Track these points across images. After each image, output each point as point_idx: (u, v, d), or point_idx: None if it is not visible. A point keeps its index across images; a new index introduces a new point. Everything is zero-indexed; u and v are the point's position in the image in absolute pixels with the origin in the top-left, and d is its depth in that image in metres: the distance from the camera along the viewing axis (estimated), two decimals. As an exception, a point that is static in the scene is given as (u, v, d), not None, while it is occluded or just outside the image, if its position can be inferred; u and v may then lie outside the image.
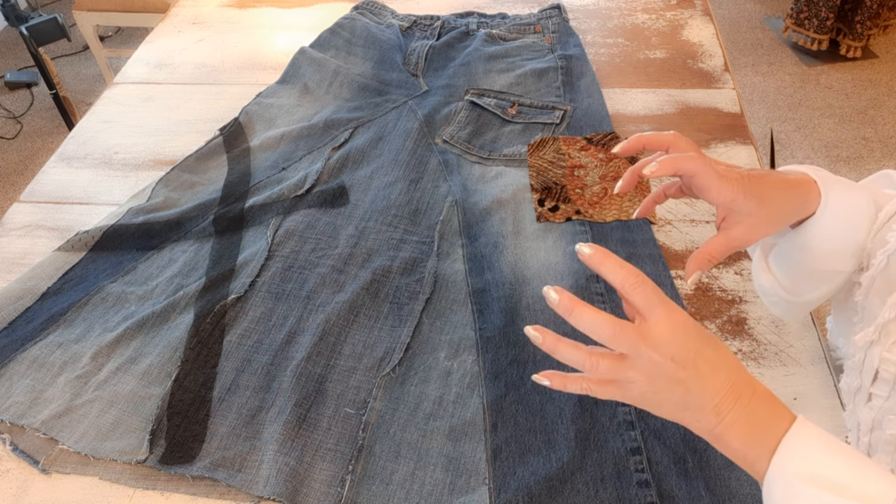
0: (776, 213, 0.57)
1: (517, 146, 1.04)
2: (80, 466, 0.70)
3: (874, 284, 0.57)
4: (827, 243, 0.58)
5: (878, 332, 0.56)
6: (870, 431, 0.59)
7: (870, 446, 0.59)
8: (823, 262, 0.60)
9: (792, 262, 0.62)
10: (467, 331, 0.80)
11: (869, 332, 0.56)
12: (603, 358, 0.49)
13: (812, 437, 0.45)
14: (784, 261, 0.63)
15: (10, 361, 0.78)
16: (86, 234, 0.92)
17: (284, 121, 1.11)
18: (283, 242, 0.90)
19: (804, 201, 0.58)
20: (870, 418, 0.58)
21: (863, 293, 0.59)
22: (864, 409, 0.59)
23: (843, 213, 0.58)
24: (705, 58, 1.22)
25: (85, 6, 2.15)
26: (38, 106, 2.68)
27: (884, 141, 2.32)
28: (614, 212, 0.92)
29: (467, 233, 0.91)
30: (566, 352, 0.50)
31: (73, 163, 1.08)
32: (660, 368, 0.47)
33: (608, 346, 0.49)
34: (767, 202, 0.57)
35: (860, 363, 0.59)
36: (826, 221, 0.58)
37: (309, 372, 0.76)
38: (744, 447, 0.46)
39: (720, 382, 0.47)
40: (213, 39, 1.36)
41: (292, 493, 0.67)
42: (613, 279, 0.49)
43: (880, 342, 0.56)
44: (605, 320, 0.48)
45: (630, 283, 0.48)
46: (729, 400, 0.46)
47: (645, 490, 0.65)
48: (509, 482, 0.66)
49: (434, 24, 1.28)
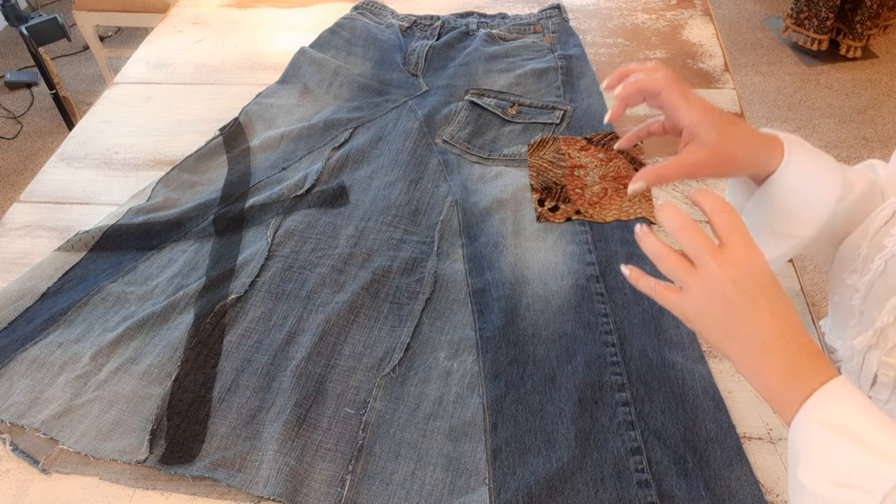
0: (734, 154, 0.58)
1: (517, 146, 1.04)
2: (80, 466, 0.70)
3: (872, 289, 0.57)
4: (786, 203, 0.59)
5: (877, 336, 0.56)
6: None
7: None
8: (780, 222, 0.61)
9: (753, 220, 0.63)
10: (467, 331, 0.80)
11: (868, 337, 0.56)
12: (676, 253, 0.50)
13: (847, 394, 0.45)
14: (748, 220, 0.64)
15: (10, 361, 0.78)
16: (86, 234, 0.92)
17: (284, 121, 1.11)
18: (283, 242, 0.90)
19: (766, 155, 0.59)
20: None
21: (861, 297, 0.59)
22: None
23: (805, 175, 0.59)
24: (705, 58, 1.22)
25: (85, 6, 2.15)
26: (38, 106, 2.68)
27: (884, 141, 2.32)
28: (614, 212, 0.92)
29: (467, 233, 0.91)
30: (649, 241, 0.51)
31: (73, 163, 1.08)
32: (719, 285, 0.48)
33: (679, 241, 0.50)
34: (728, 140, 0.58)
35: (859, 367, 0.59)
36: (786, 180, 0.59)
37: (309, 372, 0.76)
38: (781, 389, 0.47)
39: (773, 321, 0.47)
40: (213, 39, 1.36)
41: (292, 493, 0.67)
42: (703, 206, 0.50)
43: (879, 346, 0.56)
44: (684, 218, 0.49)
45: (718, 207, 0.49)
46: (778, 341, 0.47)
47: (645, 490, 0.65)
48: (509, 482, 0.66)
49: (434, 24, 1.28)
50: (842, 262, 0.63)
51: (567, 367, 0.75)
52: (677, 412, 0.70)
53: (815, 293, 1.84)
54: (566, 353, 0.76)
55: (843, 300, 0.63)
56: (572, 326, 0.79)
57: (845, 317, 0.62)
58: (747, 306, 0.47)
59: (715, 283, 0.48)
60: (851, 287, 0.60)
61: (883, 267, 0.56)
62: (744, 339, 0.48)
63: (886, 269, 0.56)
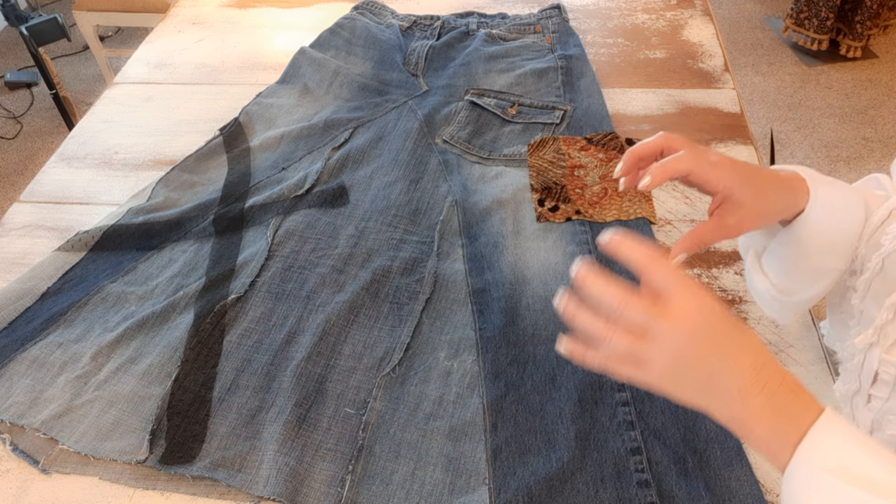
0: (768, 207, 0.57)
1: (517, 146, 1.04)
2: (80, 466, 0.70)
3: (871, 287, 0.57)
4: (818, 239, 0.58)
5: (877, 334, 0.56)
6: (869, 433, 0.59)
7: None
8: (815, 259, 0.59)
9: (784, 260, 0.62)
10: (467, 331, 0.80)
11: (868, 335, 0.56)
12: (623, 332, 0.46)
13: (839, 430, 0.43)
14: (776, 261, 0.63)
15: (10, 361, 0.78)
16: (86, 234, 0.92)
17: (284, 121, 1.11)
18: (283, 242, 0.90)
19: (794, 197, 0.57)
20: (869, 420, 0.59)
21: (859, 297, 0.59)
22: (864, 410, 0.59)
23: (832, 208, 0.58)
24: (705, 58, 1.22)
25: (85, 6, 2.15)
26: (38, 106, 2.68)
27: (884, 141, 2.32)
28: (614, 212, 0.92)
29: (467, 233, 0.91)
30: (585, 321, 0.47)
31: (73, 163, 1.08)
32: (682, 348, 0.44)
33: (624, 312, 0.46)
34: (761, 195, 0.56)
35: (859, 365, 0.59)
36: (816, 217, 0.57)
37: (309, 372, 0.76)
38: (768, 435, 0.44)
39: (746, 366, 0.45)
40: (213, 39, 1.36)
41: (292, 493, 0.67)
42: (629, 260, 0.46)
43: (879, 344, 0.56)
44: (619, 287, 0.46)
45: (643, 263, 0.46)
46: (755, 386, 0.44)
47: (645, 490, 0.65)
48: (509, 482, 0.66)
49: (434, 24, 1.28)
50: None
51: (567, 367, 0.75)
52: (677, 412, 0.70)
53: (815, 293, 1.84)
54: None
55: (842, 301, 0.63)
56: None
57: (844, 318, 0.62)
58: (713, 357, 0.44)
59: (676, 348, 0.44)
60: (850, 288, 0.60)
61: (881, 265, 0.56)
62: (720, 393, 0.45)
63: (884, 267, 0.56)
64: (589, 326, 0.47)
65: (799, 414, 0.44)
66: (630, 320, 0.46)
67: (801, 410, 0.44)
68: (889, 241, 0.56)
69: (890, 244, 0.55)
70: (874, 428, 0.58)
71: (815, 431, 0.43)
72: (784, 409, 0.44)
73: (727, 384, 0.45)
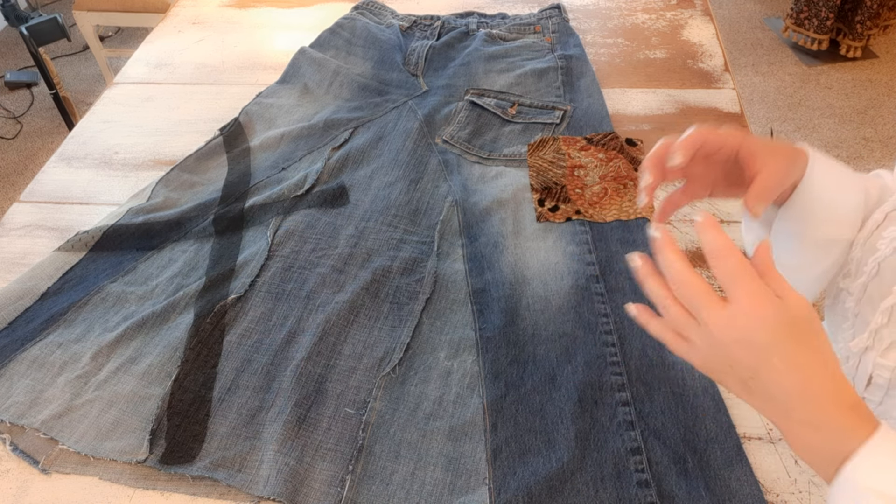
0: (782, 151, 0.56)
1: (517, 146, 1.04)
2: (80, 466, 0.70)
3: (866, 291, 0.57)
4: (821, 206, 0.58)
5: (872, 338, 0.56)
6: None
7: None
8: (821, 228, 0.59)
9: (790, 236, 0.61)
10: (467, 331, 0.80)
11: (863, 339, 0.57)
12: (678, 305, 0.46)
13: (891, 450, 0.42)
14: (783, 239, 0.62)
15: (10, 361, 0.78)
16: (86, 234, 0.92)
17: (284, 121, 1.11)
18: (283, 242, 0.90)
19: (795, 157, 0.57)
20: None
21: (854, 300, 0.59)
22: None
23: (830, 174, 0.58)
24: (705, 58, 1.22)
25: (85, 6, 2.15)
26: (38, 106, 2.68)
27: (884, 141, 2.32)
28: (614, 212, 0.92)
29: (467, 233, 0.91)
30: (652, 285, 0.48)
31: (73, 163, 1.08)
32: (721, 347, 0.44)
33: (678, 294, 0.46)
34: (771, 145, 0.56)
35: (853, 368, 0.59)
36: (817, 181, 0.57)
37: (309, 372, 0.76)
38: (810, 450, 0.44)
39: (793, 380, 0.43)
40: (213, 39, 1.36)
41: (292, 493, 0.67)
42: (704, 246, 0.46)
43: (874, 348, 0.56)
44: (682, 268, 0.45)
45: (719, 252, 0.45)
46: (800, 400, 0.43)
47: (645, 490, 0.65)
48: (509, 482, 0.66)
49: (434, 24, 1.28)
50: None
51: (567, 367, 0.75)
52: (677, 412, 0.70)
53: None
54: (566, 353, 0.76)
55: (837, 303, 0.63)
56: (572, 326, 0.79)
57: (839, 320, 0.62)
58: (757, 365, 0.43)
59: (716, 343, 0.44)
60: (845, 290, 0.61)
61: (876, 269, 0.56)
62: (762, 398, 0.44)
63: (880, 272, 0.56)
64: (654, 291, 0.48)
65: (848, 434, 0.42)
66: (688, 305, 0.46)
67: (852, 430, 0.42)
68: (885, 244, 0.56)
69: (886, 248, 0.55)
70: None
71: (864, 453, 0.41)
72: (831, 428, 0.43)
73: (771, 395, 0.44)
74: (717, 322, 0.44)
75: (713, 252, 0.45)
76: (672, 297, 0.47)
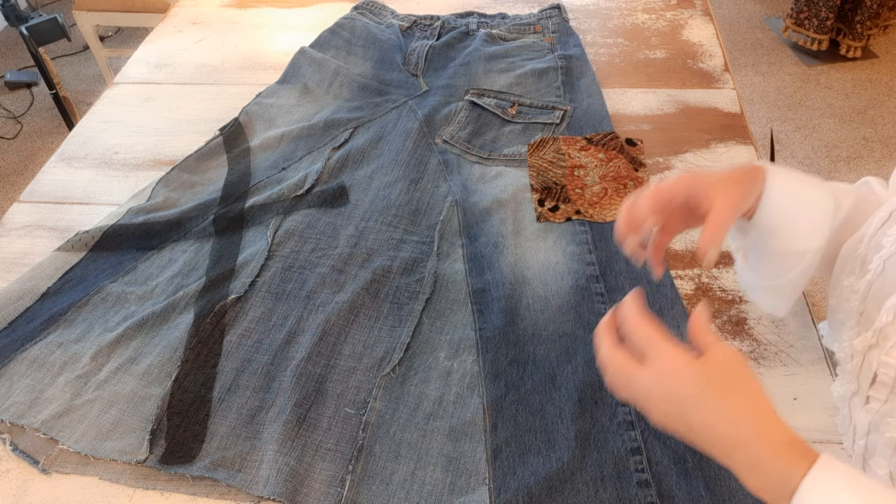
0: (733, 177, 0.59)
1: (517, 146, 1.04)
2: (80, 466, 0.70)
3: (871, 289, 0.57)
4: (781, 221, 0.60)
5: (877, 336, 0.56)
6: (866, 434, 0.59)
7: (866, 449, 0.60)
8: (784, 241, 0.61)
9: (758, 248, 0.64)
10: (467, 331, 0.80)
11: (867, 337, 0.56)
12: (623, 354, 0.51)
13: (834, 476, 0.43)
14: (758, 252, 0.65)
15: (10, 361, 0.78)
16: (86, 234, 0.92)
17: (284, 121, 1.11)
18: (283, 242, 0.90)
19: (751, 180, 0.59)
20: (866, 421, 0.59)
21: (859, 298, 0.59)
22: (862, 412, 0.59)
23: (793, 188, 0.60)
24: (705, 58, 1.22)
25: (85, 6, 2.15)
26: (38, 106, 2.68)
27: (884, 141, 2.32)
28: (614, 212, 0.92)
29: (467, 233, 0.91)
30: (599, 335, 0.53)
31: (73, 163, 1.08)
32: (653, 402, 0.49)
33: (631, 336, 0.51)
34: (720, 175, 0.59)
35: (858, 367, 0.59)
36: (775, 198, 0.60)
37: (309, 372, 0.76)
38: (760, 492, 0.46)
39: (724, 431, 0.46)
40: (213, 39, 1.36)
41: (292, 493, 0.67)
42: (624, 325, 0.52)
43: (879, 346, 0.56)
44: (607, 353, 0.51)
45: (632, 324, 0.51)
46: (735, 448, 0.46)
47: (645, 490, 0.65)
48: (509, 482, 0.66)
49: (434, 24, 1.28)
50: (840, 265, 0.63)
51: (567, 367, 0.75)
52: (677, 412, 0.70)
53: (815, 293, 1.84)
54: (566, 353, 0.76)
55: (841, 302, 0.63)
56: (572, 326, 0.79)
57: (843, 318, 0.62)
58: (689, 420, 0.47)
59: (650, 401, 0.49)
60: (849, 289, 0.61)
61: (881, 267, 0.56)
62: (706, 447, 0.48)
63: (885, 270, 0.56)
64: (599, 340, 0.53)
65: (788, 473, 0.44)
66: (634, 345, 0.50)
67: (792, 469, 0.44)
68: (890, 242, 0.56)
69: (891, 246, 0.55)
70: (871, 430, 0.58)
71: (807, 485, 0.43)
72: (771, 471, 0.45)
73: (705, 445, 0.47)
74: (644, 383, 0.49)
75: (629, 324, 0.51)
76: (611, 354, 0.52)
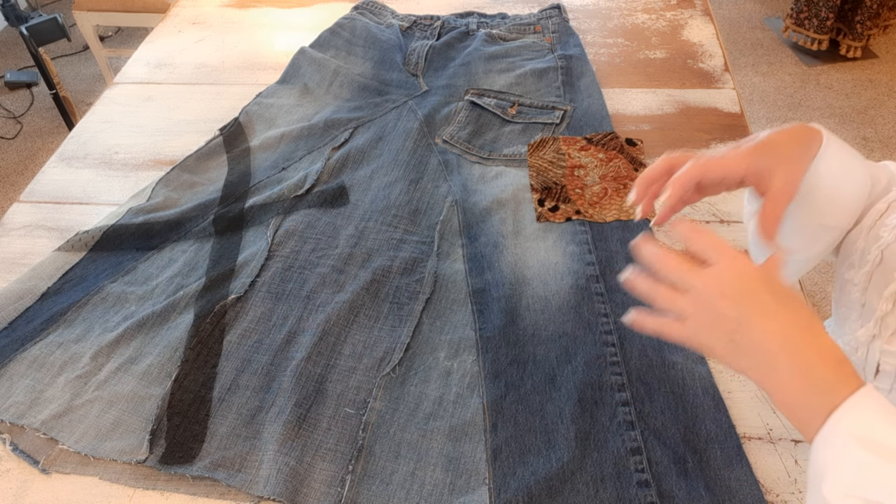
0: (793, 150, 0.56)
1: (517, 146, 1.03)
2: (80, 466, 0.70)
3: (872, 280, 0.58)
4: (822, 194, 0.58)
5: (878, 325, 0.56)
6: None
7: None
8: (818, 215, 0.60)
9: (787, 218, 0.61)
10: (467, 331, 0.80)
11: (870, 327, 0.57)
12: (665, 288, 0.51)
13: (875, 406, 0.43)
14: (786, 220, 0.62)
15: (10, 361, 0.78)
16: (86, 234, 0.92)
17: (284, 121, 1.11)
18: (283, 242, 0.90)
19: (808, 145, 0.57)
20: None
21: (860, 290, 0.59)
22: None
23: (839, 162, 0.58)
24: (705, 58, 1.22)
25: (85, 6, 2.15)
26: (38, 106, 2.68)
27: (884, 141, 2.32)
28: (614, 212, 0.92)
29: (467, 233, 0.91)
30: (640, 285, 0.52)
31: (73, 163, 1.08)
32: (708, 303, 0.47)
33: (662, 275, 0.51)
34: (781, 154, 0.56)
35: (863, 359, 0.59)
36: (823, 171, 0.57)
37: (309, 372, 0.76)
38: (795, 403, 0.45)
39: (771, 331, 0.45)
40: (213, 39, 1.36)
41: (292, 493, 0.67)
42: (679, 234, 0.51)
43: (880, 335, 0.56)
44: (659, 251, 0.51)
45: (690, 232, 0.50)
46: (782, 348, 0.45)
47: (645, 490, 0.65)
48: (509, 482, 0.66)
49: (434, 24, 1.28)
50: (841, 257, 0.63)
51: (567, 367, 0.75)
52: (677, 412, 0.70)
53: (816, 293, 1.84)
54: (566, 353, 0.76)
55: (844, 295, 0.63)
56: (572, 326, 0.79)
57: (847, 312, 0.62)
58: (741, 316, 0.46)
59: (703, 302, 0.48)
60: (850, 282, 0.61)
61: (880, 258, 0.56)
62: (749, 353, 0.46)
63: (883, 260, 0.56)
64: (642, 288, 0.52)
65: (834, 387, 0.43)
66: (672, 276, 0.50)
67: (836, 383, 0.44)
68: (888, 232, 0.56)
69: (889, 235, 0.56)
70: None
71: (850, 404, 0.43)
72: (816, 379, 0.44)
73: (754, 346, 0.46)
74: (702, 279, 0.48)
75: (690, 235, 0.50)
76: (659, 283, 0.51)
